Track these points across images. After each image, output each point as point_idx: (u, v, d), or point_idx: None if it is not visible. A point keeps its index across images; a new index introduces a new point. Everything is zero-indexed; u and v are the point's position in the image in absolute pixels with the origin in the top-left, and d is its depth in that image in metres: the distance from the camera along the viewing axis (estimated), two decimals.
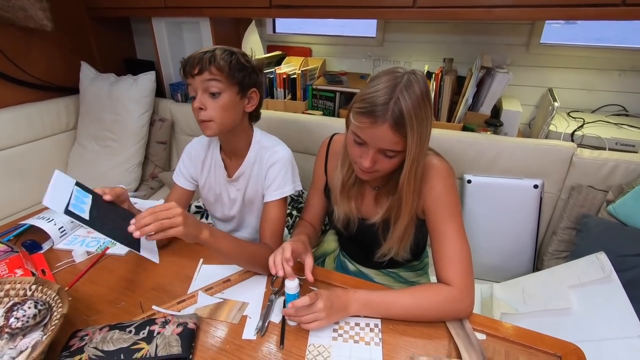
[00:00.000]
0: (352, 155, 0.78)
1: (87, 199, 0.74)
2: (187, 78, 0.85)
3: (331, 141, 0.98)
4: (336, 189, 0.89)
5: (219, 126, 0.86)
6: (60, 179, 0.72)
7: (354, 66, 1.73)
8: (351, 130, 0.75)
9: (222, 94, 0.85)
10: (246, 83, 0.88)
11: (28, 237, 1.03)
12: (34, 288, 0.76)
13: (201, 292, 0.84)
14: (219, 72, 0.83)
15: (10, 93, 1.59)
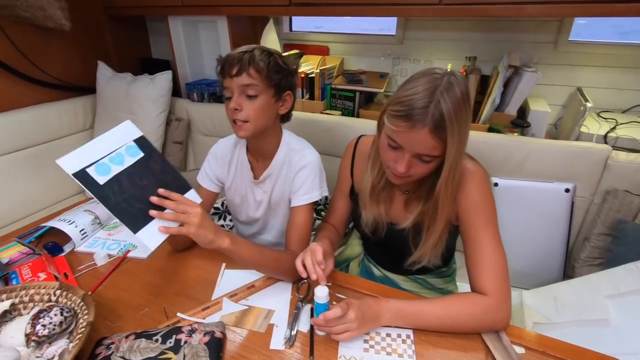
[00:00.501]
0: (386, 159, 0.75)
1: (132, 158, 0.67)
2: (224, 78, 0.84)
3: (358, 143, 0.95)
4: (365, 193, 0.86)
5: (253, 127, 0.85)
6: (124, 130, 0.67)
7: (373, 65, 1.70)
8: (385, 134, 0.72)
9: (259, 97, 0.84)
10: (282, 85, 0.87)
11: (49, 239, 1.02)
12: (59, 293, 0.75)
13: (226, 299, 0.82)
14: (258, 74, 0.82)
15: (28, 93, 1.59)
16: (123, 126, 0.57)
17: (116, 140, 0.59)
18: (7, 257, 0.92)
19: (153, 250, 0.97)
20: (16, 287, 0.75)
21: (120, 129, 0.58)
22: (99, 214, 1.07)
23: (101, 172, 0.61)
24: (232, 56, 0.82)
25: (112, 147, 0.59)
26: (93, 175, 0.60)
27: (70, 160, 0.59)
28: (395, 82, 1.68)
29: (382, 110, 0.74)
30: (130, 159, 0.61)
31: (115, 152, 0.60)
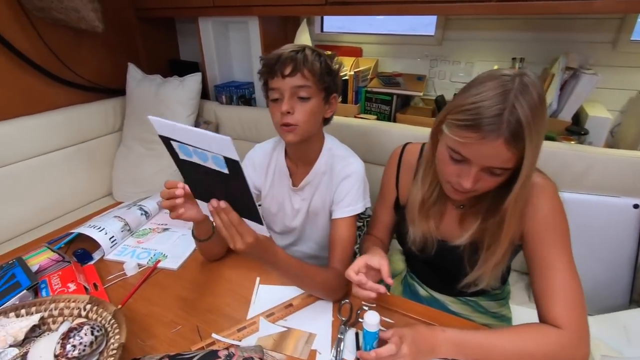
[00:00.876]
0: (446, 173, 0.68)
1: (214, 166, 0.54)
2: (274, 78, 0.78)
3: (404, 151, 0.87)
4: (413, 207, 0.79)
5: (302, 132, 0.80)
6: (221, 143, 0.51)
7: (409, 67, 1.61)
8: (446, 146, 0.65)
9: (311, 99, 0.79)
10: (331, 88, 0.82)
11: (78, 245, 0.99)
12: (89, 308, 0.71)
13: (262, 319, 0.75)
14: (311, 76, 0.77)
15: (61, 94, 1.59)
16: (221, 140, 0.48)
17: (208, 144, 0.50)
18: (37, 264, 0.89)
19: (182, 263, 0.92)
20: (46, 300, 0.72)
21: (217, 140, 0.48)
22: (129, 220, 1.03)
23: (184, 151, 0.55)
24: (283, 55, 0.77)
25: (201, 144, 0.51)
26: (175, 148, 0.56)
27: (162, 124, 0.53)
28: (433, 85, 1.59)
29: (439, 118, 0.67)
30: (213, 165, 0.53)
31: (202, 150, 0.52)
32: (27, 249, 0.97)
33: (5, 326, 0.65)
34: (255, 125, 1.61)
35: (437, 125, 0.68)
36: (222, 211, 0.58)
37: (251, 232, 0.59)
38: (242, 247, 0.59)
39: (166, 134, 0.54)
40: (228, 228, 0.59)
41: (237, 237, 0.59)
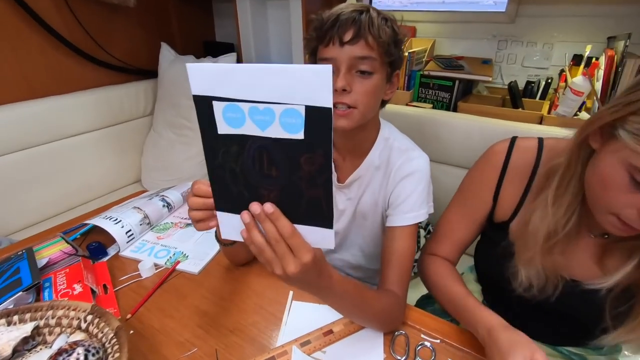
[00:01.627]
0: (616, 203, 0.47)
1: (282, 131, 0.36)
2: (328, 45, 0.61)
3: (512, 150, 0.64)
4: (534, 238, 0.57)
5: (361, 116, 0.63)
6: (313, 79, 0.33)
7: (472, 49, 1.39)
8: (623, 162, 0.44)
9: (374, 75, 0.62)
10: (396, 63, 0.65)
11: (94, 237, 0.89)
12: (90, 319, 0.59)
13: (296, 348, 0.60)
14: (377, 45, 0.60)
15: (92, 74, 1.52)
16: (319, 71, 0.32)
17: (285, 89, 0.33)
18: (47, 256, 0.80)
19: (204, 267, 0.79)
20: (42, 306, 0.60)
21: (309, 75, 0.32)
22: (148, 212, 0.91)
23: (229, 119, 0.37)
24: (343, 15, 0.60)
25: (269, 94, 0.34)
26: (216, 114, 0.37)
27: (202, 73, 0.36)
28: (499, 70, 1.36)
29: (603, 117, 0.47)
30: (279, 131, 0.36)
31: (267, 107, 0.35)
32: (42, 237, 0.88)
33: None
34: None
35: (599, 126, 0.47)
36: (266, 219, 0.40)
37: (307, 247, 0.40)
38: (294, 271, 0.40)
39: (205, 89, 0.36)
40: (275, 244, 0.40)
41: (287, 256, 0.40)
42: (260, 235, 0.41)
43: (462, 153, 1.08)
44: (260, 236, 0.41)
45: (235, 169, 0.40)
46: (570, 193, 0.53)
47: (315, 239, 0.41)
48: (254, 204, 0.40)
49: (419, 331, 0.64)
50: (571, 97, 0.95)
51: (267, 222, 0.40)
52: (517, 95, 1.12)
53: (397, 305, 0.62)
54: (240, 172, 0.40)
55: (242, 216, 0.41)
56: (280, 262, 0.40)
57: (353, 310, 0.56)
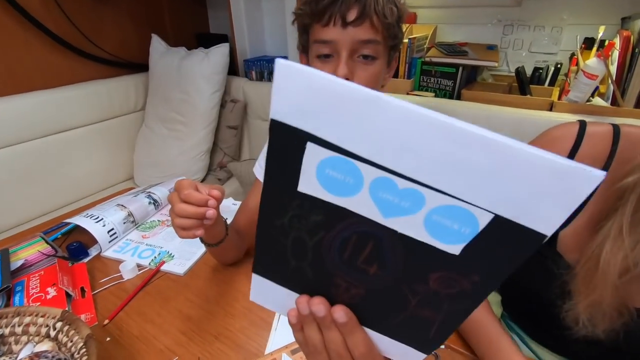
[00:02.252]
0: None
1: (426, 232, 0.22)
2: (327, 25, 0.54)
3: (583, 140, 0.50)
4: (604, 275, 0.44)
5: None
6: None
7: (475, 35, 1.32)
8: None
9: (377, 60, 0.56)
10: (397, 46, 0.60)
11: (76, 237, 0.83)
12: (59, 327, 0.53)
13: (285, 356, 0.55)
14: (382, 27, 0.54)
15: (81, 68, 1.47)
16: (583, 175, 0.17)
17: (470, 177, 0.19)
18: (23, 258, 0.74)
19: (189, 267, 0.74)
20: (8, 312, 0.55)
21: (560, 172, 0.17)
22: (132, 209, 0.86)
23: (328, 178, 0.22)
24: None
25: (427, 170, 0.19)
26: (307, 164, 0.22)
27: (303, 85, 0.19)
28: (505, 57, 1.30)
29: None
30: (416, 230, 0.21)
31: (412, 188, 0.20)
32: (21, 238, 0.83)
33: None
34: None
35: None
36: (332, 327, 0.28)
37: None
38: None
39: (306, 118, 0.20)
40: (336, 358, 0.29)
41: None
42: (318, 335, 0.29)
43: None
44: (319, 337, 0.29)
45: (307, 242, 0.25)
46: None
47: (396, 354, 0.29)
48: (319, 303, 0.27)
49: None
50: (584, 81, 0.89)
51: (333, 331, 0.28)
52: (525, 81, 1.06)
53: None
54: (312, 248, 0.26)
55: (300, 304, 0.28)
56: None
57: None
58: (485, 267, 0.21)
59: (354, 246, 0.24)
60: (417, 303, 0.25)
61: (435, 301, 0.24)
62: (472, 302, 0.24)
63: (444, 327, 0.25)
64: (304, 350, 0.32)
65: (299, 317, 0.29)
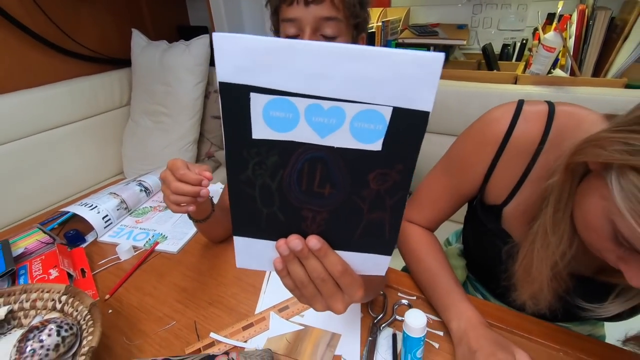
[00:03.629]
0: (601, 248, 0.41)
1: (353, 139, 0.27)
2: (292, 4, 0.59)
3: (517, 121, 0.52)
4: (539, 269, 0.48)
5: None
6: (417, 69, 0.24)
7: (448, 15, 1.37)
8: (608, 213, 0.37)
9: (339, 39, 0.61)
10: (361, 26, 0.64)
11: (73, 226, 0.88)
12: (64, 300, 0.59)
13: (273, 314, 0.61)
14: (343, 6, 0.59)
15: (62, 66, 1.48)
16: (427, 59, 0.23)
17: (366, 82, 0.25)
18: (22, 247, 0.79)
19: (182, 246, 0.79)
20: (15, 290, 0.60)
21: (412, 62, 0.24)
22: (125, 197, 0.90)
23: (273, 119, 0.27)
24: None
25: (340, 89, 0.25)
26: (254, 112, 0.27)
27: (238, 48, 0.24)
28: (476, 35, 1.35)
29: (587, 148, 0.38)
30: (347, 139, 0.27)
31: (335, 105, 0.26)
32: (19, 230, 0.87)
33: None
34: None
35: (582, 158, 0.39)
36: (310, 256, 0.32)
37: (359, 282, 0.34)
38: (341, 310, 0.35)
39: (245, 74, 0.25)
40: (320, 283, 0.33)
41: (336, 295, 0.34)
42: (301, 269, 0.33)
43: (440, 119, 1.07)
44: (302, 270, 0.33)
45: (271, 185, 0.30)
46: (568, 217, 0.44)
47: (367, 267, 0.34)
48: (295, 238, 0.31)
49: (395, 289, 0.64)
50: (544, 54, 0.95)
51: (311, 259, 0.32)
52: (492, 57, 1.12)
53: None
54: (277, 190, 0.30)
55: (279, 247, 0.32)
56: (326, 301, 0.35)
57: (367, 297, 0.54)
58: (402, 154, 0.27)
59: (307, 175, 0.29)
60: (368, 209, 0.30)
61: (379, 201, 0.30)
62: (404, 190, 0.29)
63: (393, 223, 0.31)
64: (295, 294, 0.36)
65: (283, 260, 0.33)
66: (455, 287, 0.56)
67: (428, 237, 0.64)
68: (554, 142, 0.50)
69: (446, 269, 0.59)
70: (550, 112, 0.50)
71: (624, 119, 0.36)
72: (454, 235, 0.84)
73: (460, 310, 0.53)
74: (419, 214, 0.66)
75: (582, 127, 0.47)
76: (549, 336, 0.55)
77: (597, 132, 0.38)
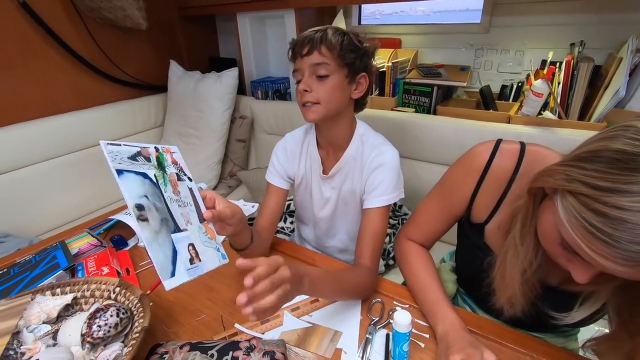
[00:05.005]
0: (553, 253, 0.52)
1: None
2: (295, 59, 0.78)
3: (495, 154, 0.64)
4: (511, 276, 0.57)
5: (324, 110, 0.77)
6: None
7: (452, 57, 1.52)
8: (555, 227, 0.47)
9: (331, 77, 0.76)
10: (356, 66, 0.78)
11: (116, 232, 1.02)
12: (117, 291, 0.72)
13: (287, 313, 0.72)
14: (329, 52, 0.74)
15: (109, 91, 1.69)
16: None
17: None
18: (76, 247, 0.93)
19: None
20: (79, 281, 0.73)
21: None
22: None
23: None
24: (303, 36, 0.76)
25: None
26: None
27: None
28: (478, 76, 1.49)
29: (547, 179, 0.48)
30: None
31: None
32: (70, 233, 1.02)
33: (40, 303, 0.68)
34: (290, 119, 1.59)
35: (542, 183, 0.49)
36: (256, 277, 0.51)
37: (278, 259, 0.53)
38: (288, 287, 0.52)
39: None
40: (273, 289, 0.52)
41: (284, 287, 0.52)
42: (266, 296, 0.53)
43: (439, 151, 1.20)
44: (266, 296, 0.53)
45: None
46: (533, 232, 0.54)
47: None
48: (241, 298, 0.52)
49: (392, 298, 0.75)
50: (532, 99, 1.07)
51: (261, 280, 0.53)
52: (489, 98, 1.25)
53: (369, 277, 0.74)
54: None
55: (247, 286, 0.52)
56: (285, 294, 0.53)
57: (332, 293, 0.68)
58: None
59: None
60: None
61: None
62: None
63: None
64: None
65: None
66: (443, 297, 0.67)
67: (423, 255, 0.76)
68: (524, 173, 0.61)
69: (437, 283, 0.70)
70: (522, 150, 0.62)
71: (569, 156, 0.47)
72: (448, 254, 0.94)
73: (445, 316, 0.63)
74: (417, 232, 0.77)
75: (545, 162, 0.56)
76: (519, 342, 0.64)
77: (549, 165, 0.50)
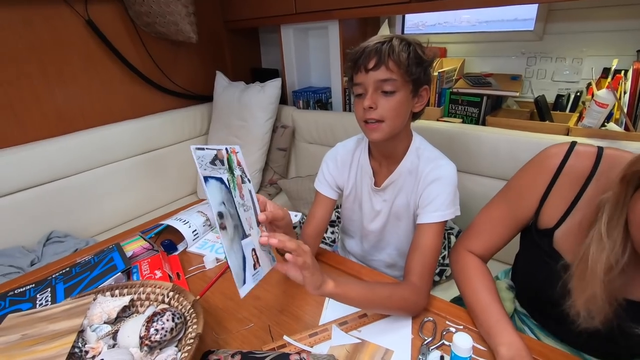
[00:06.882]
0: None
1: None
2: (357, 73, 0.75)
3: (570, 154, 0.62)
4: (593, 272, 0.53)
5: (389, 129, 0.75)
6: None
7: (501, 66, 1.46)
8: None
9: (397, 93, 0.73)
10: (421, 80, 0.75)
11: (166, 236, 1.06)
12: (171, 295, 0.74)
13: (335, 327, 0.71)
14: (397, 68, 0.71)
15: (160, 101, 1.78)
16: None
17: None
18: (131, 250, 0.97)
19: None
20: (136, 284, 0.76)
21: None
22: (210, 216, 1.08)
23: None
24: (368, 47, 0.72)
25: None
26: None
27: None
28: (530, 85, 1.42)
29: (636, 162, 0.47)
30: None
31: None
32: (124, 236, 1.07)
33: (102, 304, 0.71)
34: (331, 129, 1.60)
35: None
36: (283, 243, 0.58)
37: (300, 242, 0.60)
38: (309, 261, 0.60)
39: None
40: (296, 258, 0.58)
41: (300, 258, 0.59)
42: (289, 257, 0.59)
43: (491, 164, 1.15)
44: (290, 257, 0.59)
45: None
46: (622, 225, 0.51)
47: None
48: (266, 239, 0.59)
49: (444, 318, 0.72)
50: (596, 109, 1.00)
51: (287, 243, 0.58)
52: (545, 108, 1.18)
53: (415, 295, 0.70)
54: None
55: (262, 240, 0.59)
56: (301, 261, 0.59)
57: (367, 303, 0.68)
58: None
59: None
60: None
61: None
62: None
63: None
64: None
65: None
66: (505, 317, 0.63)
67: (483, 270, 0.72)
68: (601, 175, 0.58)
69: (498, 301, 0.66)
70: (599, 153, 0.60)
71: None
72: (503, 272, 0.89)
73: (510, 338, 0.59)
74: (478, 242, 0.74)
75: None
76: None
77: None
